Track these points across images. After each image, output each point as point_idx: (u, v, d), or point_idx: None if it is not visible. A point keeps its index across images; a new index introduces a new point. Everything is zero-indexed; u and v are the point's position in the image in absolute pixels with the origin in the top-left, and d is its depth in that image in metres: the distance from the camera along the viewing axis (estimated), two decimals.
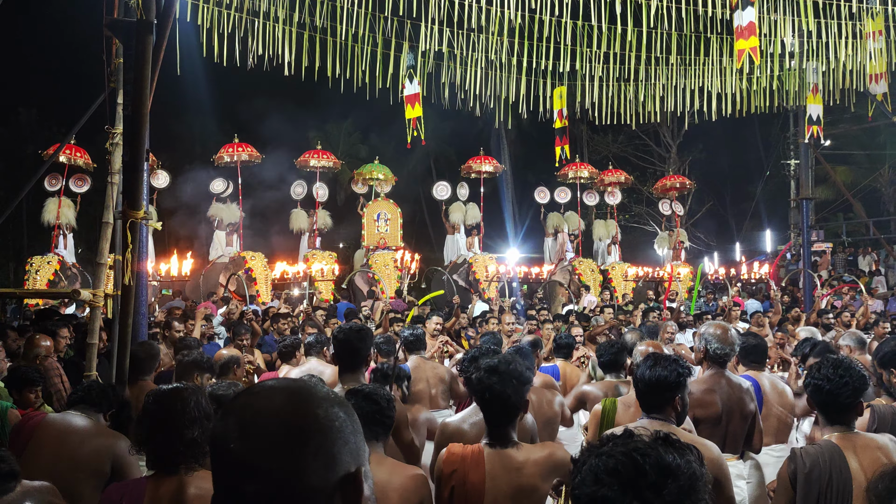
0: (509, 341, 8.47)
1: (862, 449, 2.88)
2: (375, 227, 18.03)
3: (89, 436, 3.40)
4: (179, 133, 26.16)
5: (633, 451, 1.30)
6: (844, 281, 17.80)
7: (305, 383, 1.16)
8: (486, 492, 2.85)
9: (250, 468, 1.06)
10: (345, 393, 3.24)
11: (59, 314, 9.09)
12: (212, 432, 1.13)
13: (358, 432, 1.14)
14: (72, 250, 15.78)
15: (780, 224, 28.07)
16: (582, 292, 16.78)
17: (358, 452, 1.12)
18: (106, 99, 6.40)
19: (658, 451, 1.30)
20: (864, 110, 16.16)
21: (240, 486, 1.06)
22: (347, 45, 11.11)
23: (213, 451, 1.11)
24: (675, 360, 3.11)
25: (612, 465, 1.29)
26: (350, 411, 1.15)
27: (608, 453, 1.31)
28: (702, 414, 3.90)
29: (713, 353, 4.05)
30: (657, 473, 1.26)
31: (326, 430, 1.09)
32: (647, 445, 1.31)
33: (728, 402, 3.97)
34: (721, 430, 3.94)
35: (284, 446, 1.06)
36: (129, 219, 4.43)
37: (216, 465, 1.10)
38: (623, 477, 1.27)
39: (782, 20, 11.07)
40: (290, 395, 1.11)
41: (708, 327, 4.17)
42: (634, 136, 27.37)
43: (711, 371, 4.07)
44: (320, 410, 1.10)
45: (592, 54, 12.31)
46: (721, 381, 4.01)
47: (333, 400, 1.14)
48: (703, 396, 3.93)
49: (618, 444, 1.34)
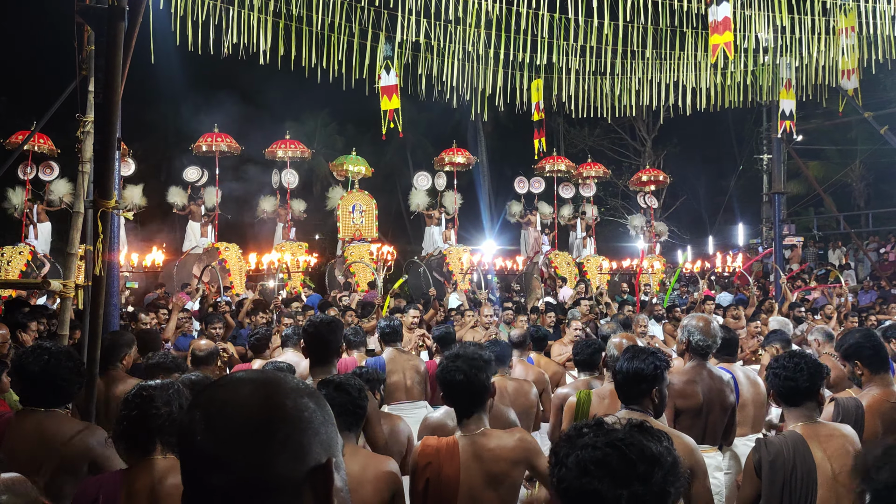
0: (486, 334, 8.51)
1: (826, 438, 2.94)
2: (351, 219, 17.97)
3: (61, 434, 3.19)
4: (153, 122, 25.82)
5: (617, 442, 1.30)
6: (818, 275, 18.04)
7: (274, 374, 1.15)
8: (461, 482, 2.88)
9: (216, 460, 1.05)
10: (316, 384, 3.24)
11: (28, 304, 8.97)
12: (178, 425, 1.12)
13: (329, 423, 1.13)
14: (44, 240, 15.51)
15: (753, 218, 28.40)
16: (558, 285, 16.87)
17: (329, 443, 1.11)
18: (77, 86, 6.30)
19: (639, 440, 1.31)
20: (835, 106, 16.40)
21: (206, 478, 1.05)
22: (324, 35, 11.03)
23: (180, 444, 1.10)
24: (653, 352, 3.16)
25: (600, 456, 1.29)
26: (321, 402, 1.13)
27: (592, 445, 1.31)
28: (683, 405, 3.95)
29: (695, 344, 4.10)
30: (644, 463, 1.28)
31: (295, 420, 1.08)
32: (626, 434, 1.32)
33: (709, 393, 4.02)
34: (702, 422, 3.99)
35: (250, 438, 1.05)
36: (101, 208, 4.37)
37: (183, 458, 1.09)
38: (612, 468, 1.27)
39: (756, 15, 11.18)
40: (256, 387, 1.10)
41: (691, 319, 4.20)
42: (610, 129, 27.51)
43: (693, 363, 4.12)
44: (288, 401, 1.09)
45: (569, 47, 12.35)
46: (703, 373, 4.06)
47: (303, 391, 1.12)
48: (685, 387, 3.98)
49: (597, 434, 1.33)
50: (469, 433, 2.98)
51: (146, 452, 2.65)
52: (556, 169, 19.76)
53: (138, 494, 2.55)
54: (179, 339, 8.35)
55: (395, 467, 2.92)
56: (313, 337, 3.98)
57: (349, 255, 16.81)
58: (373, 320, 8.81)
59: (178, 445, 1.11)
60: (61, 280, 5.36)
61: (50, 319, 7.16)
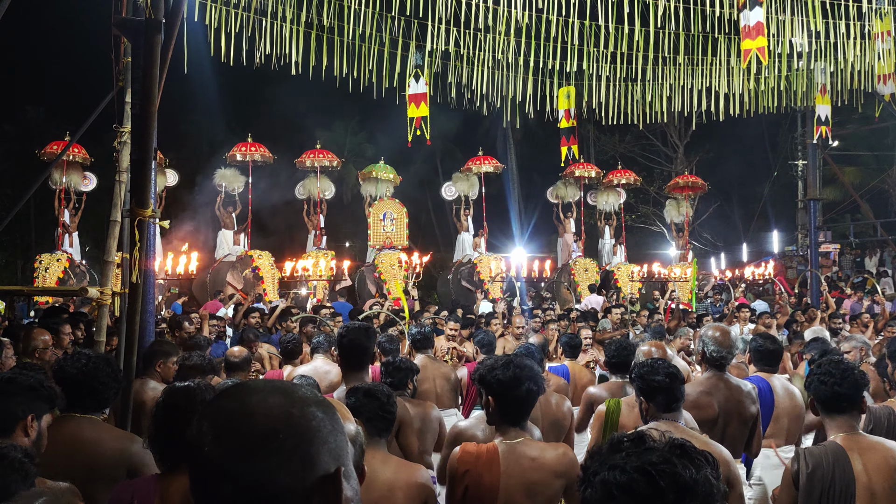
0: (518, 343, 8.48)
1: (867, 450, 2.87)
2: (381, 227, 18.03)
3: (100, 441, 3.21)
4: (187, 132, 26.21)
5: (648, 466, 1.21)
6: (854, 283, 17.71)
7: (283, 383, 1.15)
8: (501, 489, 2.85)
9: (224, 471, 1.05)
10: (345, 391, 3.25)
11: (66, 312, 9.13)
12: (187, 436, 1.11)
13: (339, 432, 1.13)
14: (77, 248, 15.81)
15: (788, 225, 27.97)
16: (581, 292, 16.72)
17: (339, 452, 1.11)
18: (114, 97, 6.43)
19: (674, 467, 1.21)
20: (871, 111, 16.12)
21: (214, 489, 1.06)
22: (354, 45, 11.14)
23: (189, 454, 1.10)
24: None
25: (626, 481, 1.21)
26: (330, 411, 1.13)
27: (621, 467, 1.23)
28: (698, 416, 3.88)
29: (710, 355, 4.05)
30: (674, 492, 1.18)
31: (303, 430, 1.08)
32: (662, 459, 1.22)
33: (726, 404, 3.95)
34: (718, 433, 3.92)
35: (258, 448, 1.05)
36: (137, 217, 4.45)
37: (192, 468, 1.10)
38: (638, 495, 1.19)
39: (791, 20, 11.05)
40: (264, 397, 1.10)
41: (707, 329, 4.17)
42: (641, 136, 27.26)
43: (709, 374, 4.07)
44: (295, 410, 1.09)
45: (599, 54, 12.30)
46: (719, 384, 4.00)
47: (310, 399, 1.12)
48: (700, 398, 3.93)
49: (631, 453, 1.25)
50: (510, 440, 2.95)
51: (179, 457, 2.62)
52: (585, 175, 19.54)
53: (172, 499, 2.55)
54: (213, 347, 8.44)
55: (427, 477, 2.90)
56: (349, 343, 4.00)
57: (380, 263, 16.88)
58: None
59: (186, 456, 1.11)
60: (98, 287, 5.46)
61: (88, 326, 7.28)
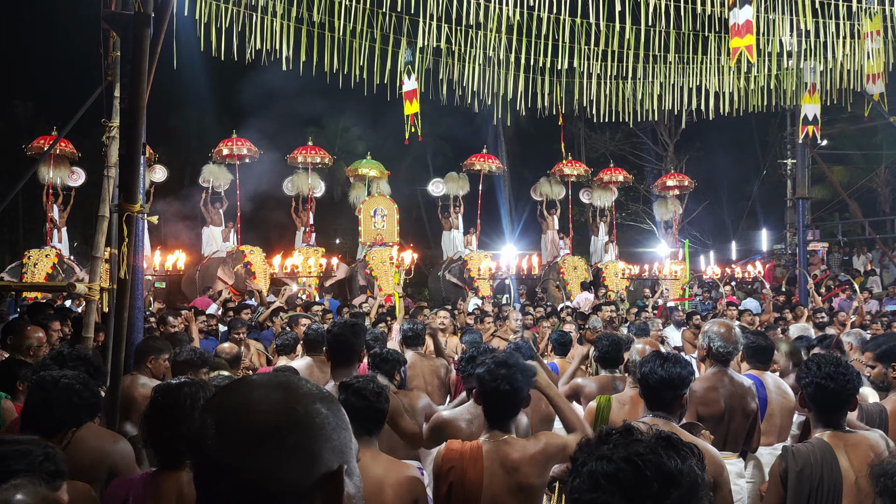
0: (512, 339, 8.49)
1: (852, 447, 2.89)
2: (372, 224, 18.01)
3: (80, 440, 3.06)
4: (176, 127, 26.08)
5: (635, 456, 1.23)
6: (841, 280, 17.83)
7: (287, 378, 1.14)
8: (484, 488, 2.87)
9: (225, 467, 1.04)
10: (337, 387, 3.24)
11: (53, 307, 9.07)
12: (189, 431, 1.10)
13: (343, 428, 1.11)
14: (66, 244, 15.73)
15: (777, 223, 28.09)
16: (570, 290, 16.76)
17: (342, 449, 1.10)
18: (103, 92, 6.39)
19: (660, 456, 1.23)
20: (860, 110, 16.18)
21: (216, 484, 1.05)
22: (345, 41, 11.10)
23: (191, 450, 1.09)
24: (681, 357, 3.19)
25: (612, 470, 1.23)
26: (335, 407, 1.12)
27: (608, 457, 1.25)
28: (705, 412, 3.91)
29: (716, 351, 4.06)
30: (659, 482, 1.21)
31: (306, 427, 1.07)
32: (648, 449, 1.24)
33: (730, 400, 3.98)
34: (723, 429, 3.96)
35: (259, 444, 1.04)
36: (126, 212, 4.42)
37: (194, 463, 1.09)
38: (624, 485, 1.21)
39: (780, 19, 11.08)
40: (268, 392, 1.09)
41: (712, 325, 4.17)
42: (632, 134, 27.33)
43: (714, 369, 4.08)
44: (299, 406, 1.08)
45: (591, 52, 12.31)
46: (724, 380, 4.02)
47: (315, 395, 1.11)
48: (707, 394, 3.95)
49: (618, 444, 1.27)
50: (494, 439, 2.95)
51: (175, 454, 2.62)
52: (573, 173, 19.51)
53: (167, 496, 2.54)
54: (202, 343, 8.41)
55: (417, 473, 2.91)
56: (337, 339, 4.01)
57: (370, 260, 16.86)
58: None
59: (189, 451, 1.10)
60: (86, 283, 5.42)
61: (74, 322, 7.23)
